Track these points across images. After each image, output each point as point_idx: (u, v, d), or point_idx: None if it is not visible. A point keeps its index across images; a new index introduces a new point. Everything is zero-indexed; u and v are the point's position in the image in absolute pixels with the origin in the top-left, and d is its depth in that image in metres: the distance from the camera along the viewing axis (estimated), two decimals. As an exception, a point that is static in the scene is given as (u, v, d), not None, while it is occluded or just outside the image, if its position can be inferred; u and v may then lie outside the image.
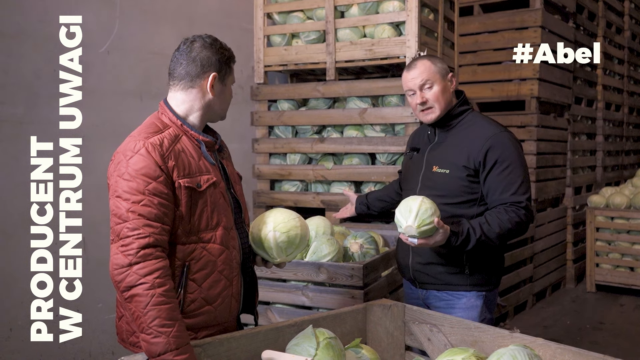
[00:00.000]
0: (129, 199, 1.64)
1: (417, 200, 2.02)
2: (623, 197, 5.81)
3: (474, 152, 2.21)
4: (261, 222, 1.91)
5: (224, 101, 1.89)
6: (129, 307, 1.59)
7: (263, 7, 3.96)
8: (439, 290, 2.32)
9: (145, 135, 1.72)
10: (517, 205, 2.17)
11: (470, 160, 2.22)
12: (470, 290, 2.28)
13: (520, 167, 2.23)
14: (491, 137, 2.22)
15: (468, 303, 2.29)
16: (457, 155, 2.25)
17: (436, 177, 2.29)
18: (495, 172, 2.19)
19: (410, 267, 2.36)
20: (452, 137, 2.31)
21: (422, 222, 1.99)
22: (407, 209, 2.02)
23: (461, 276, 2.28)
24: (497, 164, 2.19)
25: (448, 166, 2.26)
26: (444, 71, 2.29)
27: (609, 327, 4.74)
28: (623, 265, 5.68)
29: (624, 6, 7.54)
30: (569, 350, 1.61)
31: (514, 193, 2.18)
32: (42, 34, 2.99)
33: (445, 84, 2.28)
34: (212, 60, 1.81)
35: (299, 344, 1.67)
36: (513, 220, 2.15)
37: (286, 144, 3.91)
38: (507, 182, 2.19)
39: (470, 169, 2.22)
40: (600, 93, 6.92)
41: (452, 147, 2.29)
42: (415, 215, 1.99)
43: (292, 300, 2.80)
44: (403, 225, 2.02)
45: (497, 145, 2.20)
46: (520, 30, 5.33)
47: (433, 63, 2.29)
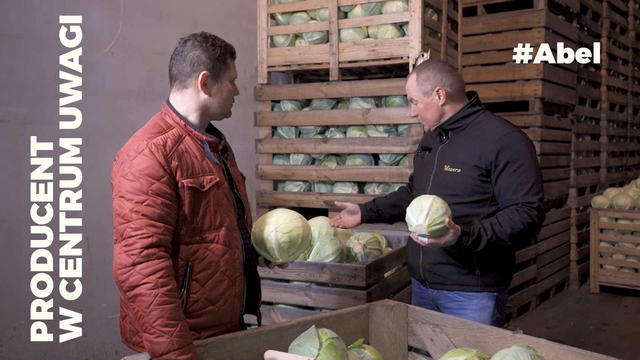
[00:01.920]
0: (132, 199, 1.64)
1: (429, 200, 2.00)
2: (627, 198, 5.79)
3: (485, 151, 2.20)
4: (263, 223, 1.91)
5: (223, 99, 1.86)
6: (132, 306, 1.59)
7: (266, 7, 3.97)
8: (449, 291, 2.30)
9: (149, 136, 1.72)
10: (529, 205, 2.14)
11: (482, 160, 2.20)
12: (482, 291, 2.26)
13: (533, 167, 2.20)
14: (503, 137, 2.20)
15: (480, 304, 2.27)
16: (469, 154, 2.23)
17: (447, 177, 2.27)
18: (507, 172, 2.17)
19: (421, 266, 2.35)
20: (463, 137, 2.30)
21: (433, 222, 1.97)
22: (418, 207, 2.00)
23: (472, 277, 2.25)
24: (509, 164, 2.17)
25: (459, 165, 2.24)
26: (427, 88, 2.29)
27: (612, 329, 4.73)
28: (627, 266, 5.66)
29: (628, 6, 7.52)
30: (572, 351, 1.60)
31: (526, 193, 2.15)
32: (47, 35, 3.00)
33: (428, 101, 2.30)
34: (202, 59, 1.79)
35: (301, 344, 1.67)
36: (525, 221, 2.12)
37: (289, 144, 3.91)
38: (519, 182, 2.16)
39: (481, 168, 2.20)
40: (605, 94, 6.89)
41: (464, 146, 2.27)
42: (426, 214, 1.97)
43: (294, 300, 2.81)
44: (413, 224, 2.00)
45: (509, 145, 2.19)
46: (524, 30, 5.32)
47: (417, 81, 2.30)
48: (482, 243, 2.10)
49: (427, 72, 2.31)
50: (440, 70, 2.31)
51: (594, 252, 5.80)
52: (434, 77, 2.30)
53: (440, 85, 2.29)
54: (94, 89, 3.20)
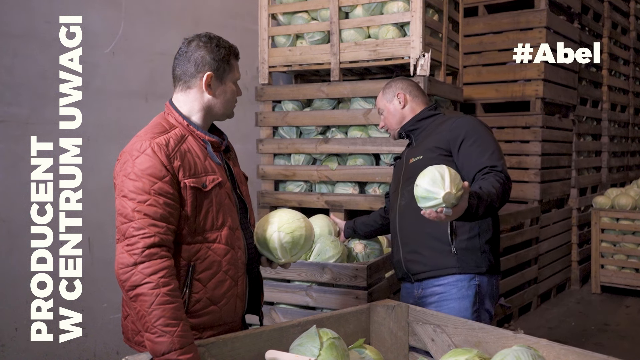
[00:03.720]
0: (134, 198, 1.64)
1: (441, 167, 1.81)
2: (628, 198, 5.79)
3: (444, 134, 2.31)
4: (266, 223, 1.91)
5: (226, 100, 1.86)
6: (134, 306, 1.60)
7: (268, 7, 3.97)
8: (429, 279, 2.31)
9: (152, 135, 1.73)
10: (495, 169, 2.13)
11: (442, 142, 2.30)
12: (460, 272, 2.26)
13: (491, 140, 2.26)
14: (458, 119, 2.35)
15: (460, 293, 2.27)
16: (428, 143, 2.35)
17: (412, 168, 2.33)
18: (466, 145, 2.24)
19: (402, 260, 2.40)
20: (426, 135, 2.43)
21: (457, 187, 1.79)
22: (437, 177, 1.77)
23: (449, 257, 2.27)
24: (466, 138, 2.25)
25: (421, 153, 2.35)
26: (389, 95, 2.54)
27: (614, 329, 4.72)
28: (628, 266, 5.66)
29: (629, 7, 7.52)
30: (573, 351, 1.60)
31: (489, 158, 2.17)
32: (48, 35, 3.00)
33: (390, 107, 2.54)
34: (207, 60, 1.79)
35: (302, 344, 1.67)
36: (497, 183, 2.06)
37: (290, 144, 3.91)
38: (480, 151, 2.21)
39: (441, 148, 2.29)
40: (606, 94, 6.89)
41: (426, 139, 2.40)
42: (450, 180, 1.77)
43: (296, 300, 2.81)
44: (440, 195, 1.76)
45: (464, 124, 2.30)
46: (525, 30, 5.32)
47: (383, 92, 2.58)
48: (482, 205, 1.96)
49: (391, 83, 2.59)
50: (402, 80, 2.59)
51: (595, 253, 5.80)
52: (395, 86, 2.56)
53: (399, 90, 2.53)
54: (95, 89, 3.21)
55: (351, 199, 3.71)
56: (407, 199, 2.34)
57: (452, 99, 3.97)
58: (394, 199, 2.51)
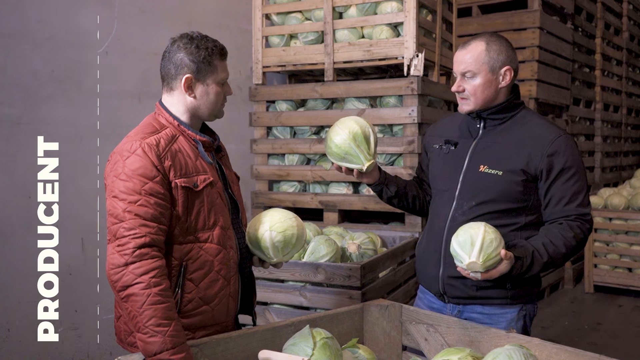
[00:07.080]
0: (125, 199, 1.64)
1: (479, 230, 1.75)
2: (621, 198, 5.81)
3: (536, 155, 1.94)
4: (258, 222, 1.91)
5: (210, 101, 1.82)
6: (126, 306, 1.59)
7: (261, 7, 3.97)
8: (474, 305, 2.02)
9: (142, 136, 1.72)
10: (583, 219, 1.93)
11: (531, 165, 1.94)
12: (512, 304, 2.00)
13: (584, 175, 1.99)
14: (555, 140, 1.95)
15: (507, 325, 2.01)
16: (514, 156, 1.96)
17: (484, 179, 1.98)
18: (561, 181, 1.93)
19: (440, 279, 2.04)
20: (504, 133, 2.03)
21: (488, 257, 1.73)
22: (467, 240, 1.74)
23: (501, 290, 1.98)
24: (563, 171, 1.93)
25: (501, 167, 1.96)
26: (497, 63, 1.97)
27: (607, 328, 4.74)
28: (621, 266, 5.68)
29: (622, 7, 7.56)
30: (565, 350, 1.61)
31: (580, 204, 1.94)
32: (41, 34, 2.99)
33: (491, 78, 1.97)
34: (185, 62, 1.77)
35: (295, 344, 1.67)
36: (579, 237, 1.91)
37: (284, 144, 3.91)
38: (574, 191, 1.94)
39: (529, 174, 1.94)
40: (599, 94, 6.93)
41: (506, 145, 1.99)
42: (480, 249, 1.72)
43: (289, 300, 2.81)
44: (465, 261, 1.75)
45: (563, 150, 1.94)
46: (518, 31, 5.34)
47: (487, 50, 1.96)
48: (534, 267, 1.87)
49: (500, 45, 1.99)
50: (511, 48, 2.02)
51: (588, 252, 5.82)
52: (506, 53, 1.99)
53: (509, 65, 1.99)
54: (88, 89, 3.20)
55: (345, 199, 3.71)
56: (468, 215, 1.99)
57: (445, 100, 3.98)
58: (444, 204, 2.08)
